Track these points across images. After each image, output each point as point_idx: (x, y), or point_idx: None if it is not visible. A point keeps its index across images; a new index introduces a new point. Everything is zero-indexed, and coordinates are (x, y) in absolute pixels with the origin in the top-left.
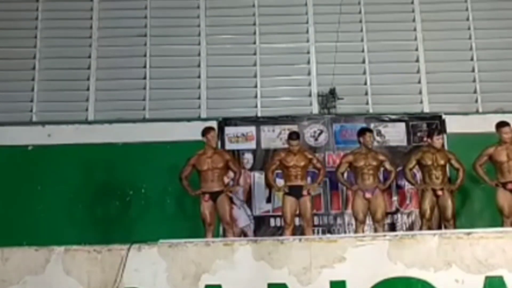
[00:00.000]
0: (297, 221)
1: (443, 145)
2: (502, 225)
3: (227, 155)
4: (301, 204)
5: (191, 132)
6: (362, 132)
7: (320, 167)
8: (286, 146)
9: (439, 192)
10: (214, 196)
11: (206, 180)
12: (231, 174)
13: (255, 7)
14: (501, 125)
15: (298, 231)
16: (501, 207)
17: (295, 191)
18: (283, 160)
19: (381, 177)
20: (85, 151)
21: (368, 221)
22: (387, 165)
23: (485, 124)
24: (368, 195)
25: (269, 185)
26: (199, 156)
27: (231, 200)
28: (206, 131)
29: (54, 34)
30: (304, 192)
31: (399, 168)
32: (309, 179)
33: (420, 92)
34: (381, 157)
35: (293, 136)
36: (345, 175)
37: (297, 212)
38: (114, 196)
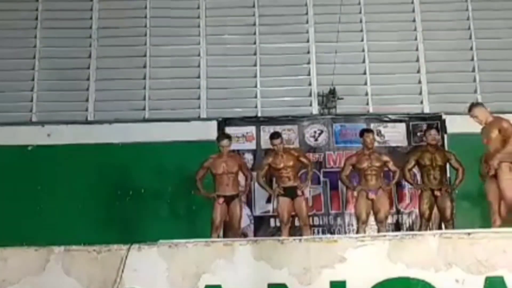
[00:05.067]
0: (296, 221)
1: (442, 145)
2: None
3: (240, 160)
4: (296, 205)
5: (191, 132)
6: (361, 133)
7: (307, 163)
8: (285, 146)
9: (437, 193)
10: (227, 199)
11: (222, 184)
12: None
13: (255, 7)
14: None
15: (298, 232)
16: None
17: (289, 192)
18: (272, 163)
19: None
20: (85, 151)
21: (370, 221)
22: (391, 166)
23: None
24: (371, 195)
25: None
26: (214, 160)
27: None
28: (220, 138)
29: (54, 34)
30: (299, 193)
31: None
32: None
33: (420, 92)
34: (385, 158)
35: (275, 136)
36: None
37: (293, 212)
38: (114, 196)
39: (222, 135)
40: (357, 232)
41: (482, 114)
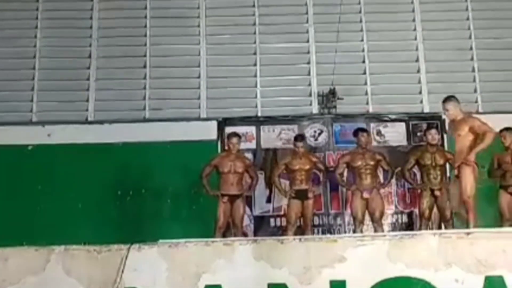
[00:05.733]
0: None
1: (442, 144)
2: None
3: (247, 161)
4: (305, 207)
5: (191, 132)
6: (355, 132)
7: (322, 169)
8: (286, 146)
9: (437, 192)
10: (231, 198)
11: (227, 183)
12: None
13: (255, 7)
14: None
15: (299, 231)
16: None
17: (300, 194)
18: (289, 164)
19: (380, 176)
20: (85, 151)
21: (368, 221)
22: (384, 165)
23: None
24: (366, 195)
25: (274, 188)
26: (222, 158)
27: None
28: (229, 137)
29: (54, 34)
30: (310, 195)
31: (399, 168)
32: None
33: (420, 92)
34: (378, 157)
35: (299, 138)
36: (345, 175)
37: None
38: (114, 196)
39: (232, 133)
40: (354, 232)
41: (454, 109)
